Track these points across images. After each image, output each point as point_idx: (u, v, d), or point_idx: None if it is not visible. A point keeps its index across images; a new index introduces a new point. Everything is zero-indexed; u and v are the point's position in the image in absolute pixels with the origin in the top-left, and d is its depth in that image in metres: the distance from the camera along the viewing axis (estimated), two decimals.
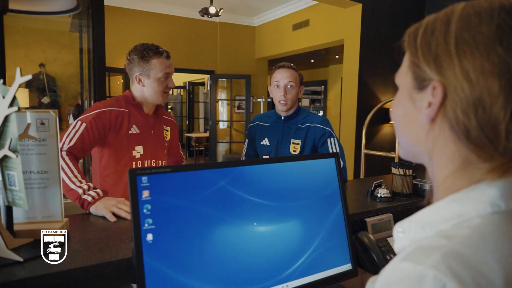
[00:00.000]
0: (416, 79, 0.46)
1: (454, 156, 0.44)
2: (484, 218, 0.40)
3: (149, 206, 0.73)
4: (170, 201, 0.75)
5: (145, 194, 0.73)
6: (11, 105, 0.78)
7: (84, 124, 1.43)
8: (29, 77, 0.75)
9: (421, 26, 0.47)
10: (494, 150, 0.40)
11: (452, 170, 0.44)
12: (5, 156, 0.81)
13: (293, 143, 1.76)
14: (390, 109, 0.53)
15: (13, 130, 0.79)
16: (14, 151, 0.79)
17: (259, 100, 7.29)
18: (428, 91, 0.44)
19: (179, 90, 10.24)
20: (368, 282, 0.52)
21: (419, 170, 1.53)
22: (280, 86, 1.73)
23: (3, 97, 0.78)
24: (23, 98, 3.81)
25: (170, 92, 1.67)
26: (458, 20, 0.43)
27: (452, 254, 0.37)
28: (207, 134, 8.45)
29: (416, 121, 0.47)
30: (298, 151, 1.74)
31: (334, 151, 1.69)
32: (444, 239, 0.39)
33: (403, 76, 0.49)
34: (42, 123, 0.92)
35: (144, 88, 1.55)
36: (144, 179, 0.73)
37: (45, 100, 4.77)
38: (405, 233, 0.46)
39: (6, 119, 0.79)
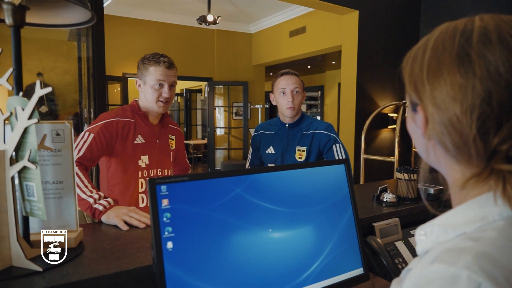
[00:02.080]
0: (410, 102, 0.52)
1: (453, 168, 0.48)
2: (507, 221, 0.42)
3: (168, 215, 0.74)
4: (188, 209, 0.77)
5: (165, 202, 0.74)
6: (30, 117, 0.79)
7: (92, 135, 1.44)
8: (49, 89, 0.76)
9: (411, 54, 0.52)
10: (469, 164, 0.45)
11: (457, 185, 0.48)
12: (24, 167, 0.82)
13: (298, 150, 1.78)
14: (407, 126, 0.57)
15: (32, 142, 0.81)
16: (33, 162, 0.81)
17: (256, 106, 7.32)
18: (419, 113, 0.49)
19: (176, 97, 10.25)
20: (392, 284, 0.53)
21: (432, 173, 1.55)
22: (287, 92, 1.75)
23: (23, 109, 0.79)
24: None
25: None
26: (431, 49, 0.47)
27: (482, 255, 0.38)
28: (205, 141, 8.46)
29: (420, 137, 0.51)
30: (303, 158, 1.76)
31: (340, 157, 1.71)
32: (471, 241, 0.41)
33: (406, 99, 0.54)
34: (58, 134, 0.94)
35: (142, 94, 1.58)
36: (164, 188, 0.75)
37: (43, 109, 4.75)
38: (427, 236, 0.48)
39: (26, 130, 0.80)
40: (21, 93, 0.81)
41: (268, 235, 0.85)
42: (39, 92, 0.78)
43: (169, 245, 0.73)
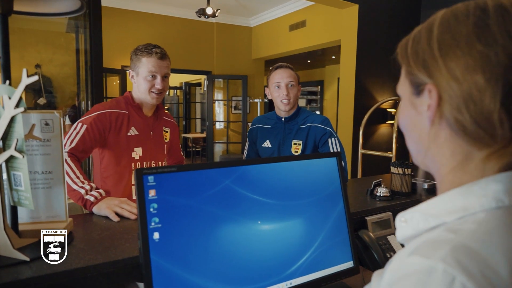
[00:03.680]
0: (412, 85, 0.49)
1: (455, 152, 0.46)
2: (488, 213, 0.41)
3: (155, 205, 0.74)
4: (176, 200, 0.76)
5: (152, 193, 0.74)
6: (17, 105, 0.79)
7: (85, 126, 1.44)
8: (35, 78, 0.75)
9: (410, 37, 0.50)
10: (491, 140, 0.42)
11: (454, 165, 0.46)
12: (11, 157, 0.81)
13: (294, 144, 1.77)
14: (398, 119, 0.55)
15: (19, 131, 0.80)
16: (20, 151, 0.80)
17: (255, 100, 7.30)
18: (425, 95, 0.46)
19: (175, 90, 10.23)
20: (373, 275, 0.53)
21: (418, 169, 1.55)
22: (282, 86, 1.74)
23: (9, 98, 0.78)
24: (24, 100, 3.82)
25: (167, 93, 1.65)
26: (439, 26, 0.46)
27: (460, 248, 0.38)
28: (204, 135, 8.45)
29: (420, 125, 0.49)
30: (299, 151, 1.76)
31: (335, 151, 1.70)
32: (450, 233, 0.40)
33: (402, 86, 0.52)
34: (47, 124, 0.93)
35: (135, 85, 1.57)
36: (151, 178, 0.74)
37: (41, 101, 4.74)
38: (407, 223, 0.47)
39: (12, 119, 0.80)
40: (7, 82, 0.80)
41: (257, 227, 0.85)
42: (25, 80, 0.77)
43: (156, 235, 0.73)
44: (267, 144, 1.86)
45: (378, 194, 1.43)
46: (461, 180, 0.45)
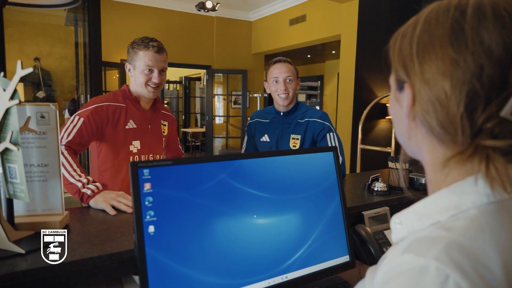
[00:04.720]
0: (396, 81, 0.50)
1: (434, 151, 0.47)
2: (480, 209, 0.41)
3: (150, 199, 0.74)
4: (171, 193, 0.76)
5: (147, 186, 0.74)
6: (12, 98, 0.78)
7: (82, 119, 1.43)
8: (30, 70, 0.75)
9: (400, 31, 0.50)
10: (452, 143, 0.43)
11: (438, 163, 0.46)
12: (6, 149, 0.81)
13: (293, 138, 1.77)
14: (389, 108, 0.56)
15: (14, 123, 0.80)
16: (15, 144, 0.80)
17: (255, 95, 7.29)
18: (405, 92, 0.47)
19: (175, 85, 10.19)
20: (367, 272, 0.53)
21: (415, 164, 1.55)
22: (280, 80, 1.73)
23: (4, 90, 0.78)
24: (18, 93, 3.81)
25: (166, 87, 1.65)
26: (422, 23, 0.46)
27: (453, 245, 0.37)
28: (203, 129, 8.44)
29: (402, 119, 0.50)
30: (297, 146, 1.76)
31: (333, 146, 1.70)
32: (443, 231, 0.40)
33: (391, 78, 0.53)
34: (42, 116, 0.92)
35: (132, 79, 1.56)
36: (146, 171, 0.74)
37: (40, 94, 4.73)
38: (402, 224, 0.47)
39: (7, 112, 0.79)
40: (2, 73, 0.79)
41: (252, 221, 0.85)
42: (20, 72, 0.76)
43: (151, 229, 0.73)
44: (265, 138, 1.85)
45: (376, 188, 1.42)
46: (450, 179, 0.45)
